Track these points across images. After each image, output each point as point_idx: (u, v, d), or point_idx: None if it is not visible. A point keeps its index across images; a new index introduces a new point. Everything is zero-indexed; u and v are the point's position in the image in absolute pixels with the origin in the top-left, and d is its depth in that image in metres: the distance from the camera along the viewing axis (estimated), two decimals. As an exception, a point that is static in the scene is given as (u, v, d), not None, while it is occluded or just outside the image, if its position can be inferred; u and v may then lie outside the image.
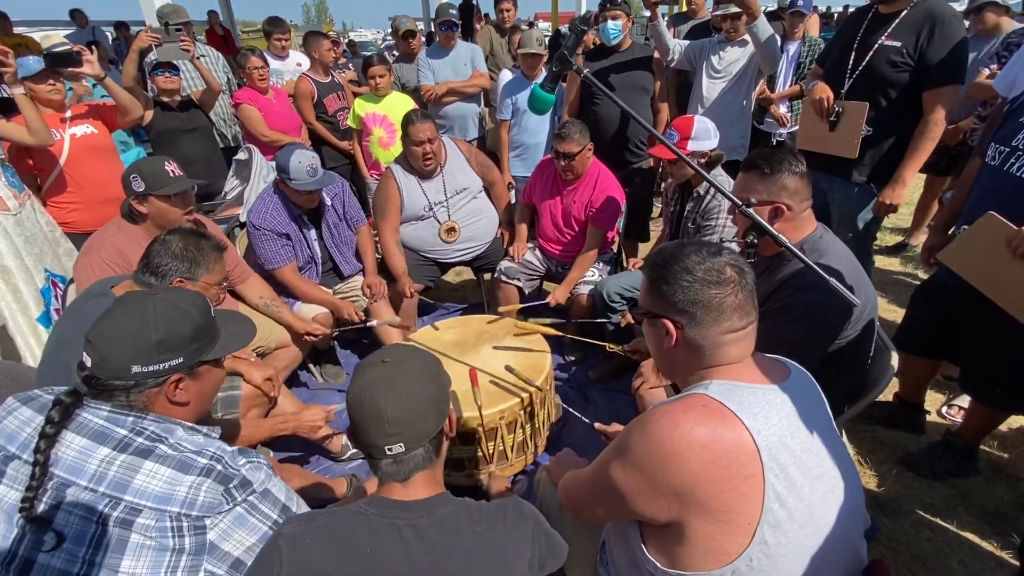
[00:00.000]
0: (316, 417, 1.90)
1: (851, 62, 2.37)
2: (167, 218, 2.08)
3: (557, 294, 2.82)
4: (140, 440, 1.04)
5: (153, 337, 1.09)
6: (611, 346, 2.20)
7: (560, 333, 2.30)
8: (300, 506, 1.18)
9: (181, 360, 1.12)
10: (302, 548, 0.94)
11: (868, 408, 1.68)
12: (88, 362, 1.08)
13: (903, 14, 2.24)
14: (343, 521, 0.98)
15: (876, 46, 2.29)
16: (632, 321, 2.37)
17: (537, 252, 3.06)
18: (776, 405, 0.99)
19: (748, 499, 0.93)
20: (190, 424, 1.14)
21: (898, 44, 2.23)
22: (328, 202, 2.70)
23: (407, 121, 2.78)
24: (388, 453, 0.99)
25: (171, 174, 2.04)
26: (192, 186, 2.15)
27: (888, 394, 2.37)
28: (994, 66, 3.05)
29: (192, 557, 1.00)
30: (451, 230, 2.99)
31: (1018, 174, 1.72)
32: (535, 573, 1.05)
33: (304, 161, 2.42)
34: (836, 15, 12.67)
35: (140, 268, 1.69)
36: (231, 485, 1.04)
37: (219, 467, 1.05)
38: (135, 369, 1.07)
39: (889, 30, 2.26)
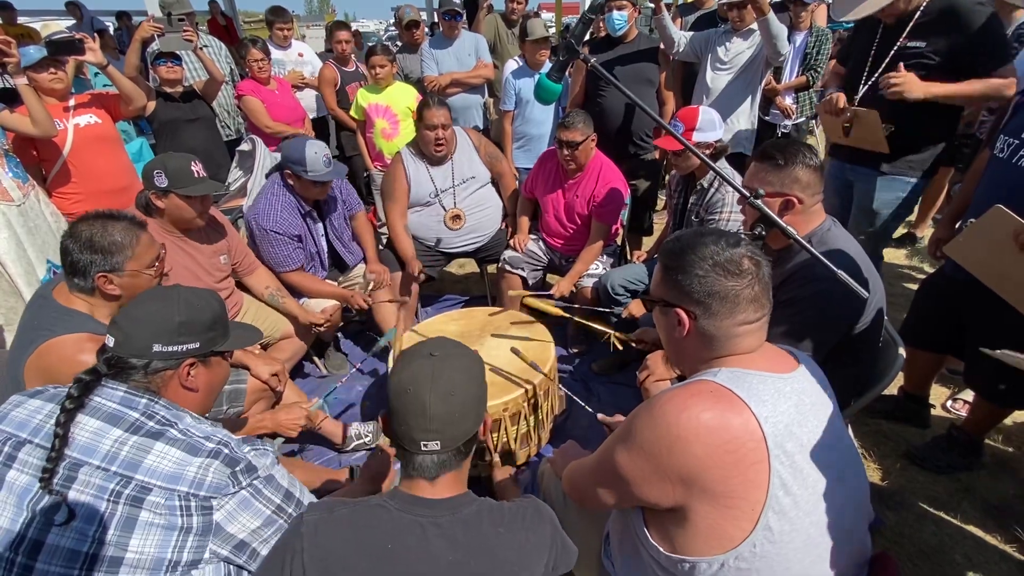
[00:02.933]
0: (295, 417, 1.84)
1: (868, 65, 2.29)
2: (183, 216, 2.08)
3: (561, 287, 2.80)
4: (151, 424, 1.08)
5: (176, 319, 1.16)
6: (617, 334, 2.18)
7: (567, 315, 2.31)
8: (304, 493, 1.19)
9: (198, 345, 1.19)
10: (324, 536, 0.94)
11: (872, 401, 1.67)
12: (111, 342, 1.12)
13: (919, 14, 2.13)
14: (364, 513, 0.97)
15: (896, 49, 2.19)
16: (635, 314, 2.39)
17: (540, 243, 3.05)
18: (785, 394, 0.99)
19: (754, 485, 0.93)
20: (197, 414, 1.17)
21: (922, 45, 2.13)
22: (332, 192, 2.69)
23: (423, 105, 2.79)
24: (424, 449, 0.98)
25: (196, 175, 2.04)
26: (215, 189, 2.15)
27: (893, 388, 2.36)
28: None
29: (198, 537, 1.02)
30: (456, 217, 2.98)
31: (1027, 167, 1.70)
32: (549, 575, 1.04)
33: (320, 151, 2.42)
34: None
35: (64, 270, 1.54)
36: (237, 468, 1.06)
37: (226, 451, 1.08)
38: (156, 348, 1.13)
39: (907, 31, 2.16)
